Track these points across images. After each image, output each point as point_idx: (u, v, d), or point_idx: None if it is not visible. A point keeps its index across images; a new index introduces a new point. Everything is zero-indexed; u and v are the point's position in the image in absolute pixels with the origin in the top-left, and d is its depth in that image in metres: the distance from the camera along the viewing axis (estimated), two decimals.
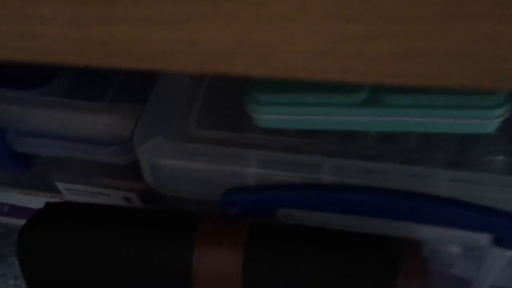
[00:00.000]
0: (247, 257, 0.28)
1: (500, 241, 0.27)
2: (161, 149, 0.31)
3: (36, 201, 0.48)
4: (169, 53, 0.17)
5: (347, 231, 0.28)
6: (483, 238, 0.27)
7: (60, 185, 0.44)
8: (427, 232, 0.28)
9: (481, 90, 0.27)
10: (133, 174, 0.41)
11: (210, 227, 0.29)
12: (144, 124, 0.32)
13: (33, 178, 0.45)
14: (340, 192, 0.27)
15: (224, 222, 0.29)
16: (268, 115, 0.30)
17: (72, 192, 0.45)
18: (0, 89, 0.37)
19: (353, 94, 0.29)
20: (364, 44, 0.16)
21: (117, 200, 0.42)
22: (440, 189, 0.27)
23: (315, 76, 0.17)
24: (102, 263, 0.29)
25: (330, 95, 0.29)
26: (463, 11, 0.14)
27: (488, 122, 0.28)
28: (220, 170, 0.29)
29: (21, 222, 0.31)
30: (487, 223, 0.26)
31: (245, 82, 0.31)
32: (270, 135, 0.31)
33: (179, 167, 0.30)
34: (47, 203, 0.33)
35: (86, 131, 0.36)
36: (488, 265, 0.31)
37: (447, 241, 0.29)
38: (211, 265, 0.28)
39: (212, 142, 0.31)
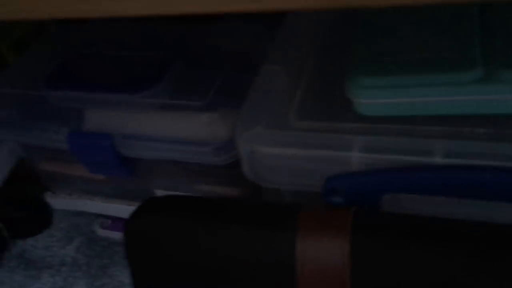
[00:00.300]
0: (353, 247, 0.26)
1: None
2: (262, 138, 0.30)
3: None
4: None
5: (458, 219, 0.26)
6: None
7: (160, 193, 0.45)
8: None
9: None
10: (231, 180, 0.41)
11: (312, 217, 0.27)
12: (245, 117, 0.32)
13: (133, 188, 0.47)
14: (452, 171, 0.25)
15: (326, 212, 0.28)
16: (373, 99, 0.29)
17: None
18: (107, 94, 0.39)
19: (467, 72, 0.27)
20: None
21: None
22: None
23: None
24: (201, 254, 0.29)
25: (441, 74, 0.27)
26: None
27: None
28: (322, 157, 0.29)
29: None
30: None
31: (346, 70, 0.31)
32: (373, 123, 0.30)
33: (279, 155, 0.30)
34: (152, 197, 0.33)
35: (188, 131, 0.37)
36: None
37: None
38: (315, 257, 0.27)
39: (313, 131, 0.30)
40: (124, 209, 0.50)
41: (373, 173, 0.27)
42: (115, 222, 0.55)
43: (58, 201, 0.53)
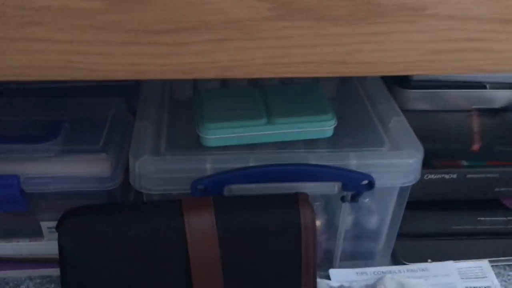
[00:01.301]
0: (216, 214, 0.47)
1: (345, 187, 0.51)
2: (148, 162, 0.50)
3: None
4: None
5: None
6: (337, 186, 0.51)
7: (45, 224, 0.58)
8: (308, 187, 0.50)
9: None
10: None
11: (190, 202, 0.47)
12: (134, 152, 0.51)
13: (19, 222, 0.58)
14: (257, 169, 0.50)
15: (197, 198, 0.48)
16: (213, 136, 0.52)
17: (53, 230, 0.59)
18: (15, 145, 0.53)
19: (258, 120, 0.52)
20: None
21: None
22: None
23: None
24: (119, 240, 0.46)
25: (246, 121, 0.52)
26: None
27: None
28: (188, 169, 0.50)
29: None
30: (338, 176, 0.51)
31: (196, 120, 0.53)
32: (214, 150, 0.52)
33: (158, 171, 0.50)
34: (68, 210, 0.48)
35: (84, 168, 0.54)
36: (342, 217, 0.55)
37: (319, 191, 0.52)
38: (196, 225, 0.46)
39: (179, 156, 0.51)
40: (3, 247, 0.60)
41: (219, 175, 0.49)
42: None
43: None
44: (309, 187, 0.51)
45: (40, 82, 0.64)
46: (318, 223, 0.54)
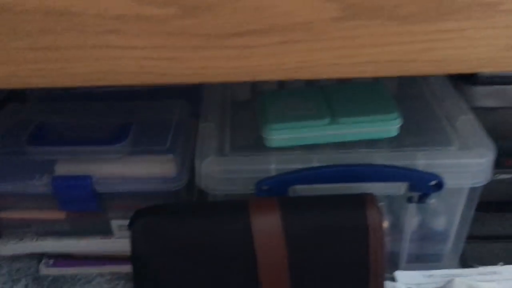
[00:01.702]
0: (282, 216, 0.47)
1: (412, 187, 0.50)
2: (214, 163, 0.51)
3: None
4: None
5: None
6: (403, 186, 0.50)
7: (116, 223, 0.60)
8: (373, 188, 0.50)
9: None
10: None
11: (256, 203, 0.48)
12: (199, 153, 0.52)
13: (90, 221, 0.61)
14: (322, 169, 0.49)
15: (262, 199, 0.48)
16: (277, 136, 0.52)
17: (122, 228, 0.61)
18: (87, 147, 0.55)
19: (322, 120, 0.52)
20: None
21: None
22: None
23: None
24: (187, 240, 0.47)
25: (309, 121, 0.52)
26: None
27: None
28: (253, 170, 0.50)
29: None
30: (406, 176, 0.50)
31: (259, 120, 0.54)
32: (278, 151, 0.53)
33: (225, 172, 0.51)
34: (139, 209, 0.50)
35: (151, 169, 0.56)
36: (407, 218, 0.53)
37: (385, 192, 0.51)
38: (263, 226, 0.47)
39: (244, 157, 0.52)
40: (75, 244, 0.63)
41: (284, 175, 0.50)
42: (57, 259, 0.66)
43: (9, 247, 0.63)
44: (374, 188, 0.50)
45: (108, 87, 0.67)
46: (385, 224, 0.53)
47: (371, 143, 0.54)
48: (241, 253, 0.47)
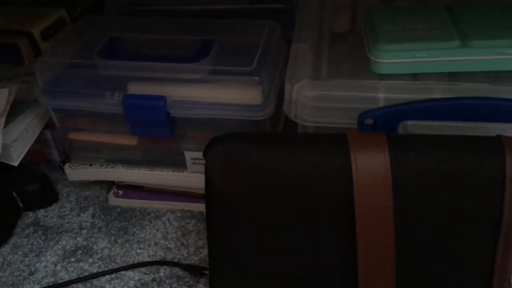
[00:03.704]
0: (391, 156, 0.37)
1: None
2: (308, 87, 0.42)
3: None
4: None
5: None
6: None
7: (189, 154, 0.54)
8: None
9: None
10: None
11: (356, 138, 0.39)
12: (291, 76, 0.43)
13: (162, 150, 0.55)
14: (445, 101, 0.39)
15: (366, 134, 0.39)
16: (390, 59, 0.42)
17: (196, 162, 0.55)
18: (162, 63, 0.48)
19: (450, 42, 0.41)
20: None
21: None
22: None
23: None
24: (272, 175, 0.39)
25: (433, 43, 0.41)
26: None
27: None
28: (355, 97, 0.41)
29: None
30: None
31: (367, 41, 0.44)
32: (386, 79, 0.43)
33: (320, 99, 0.42)
34: (217, 136, 0.42)
35: (235, 94, 0.48)
36: None
37: None
38: (365, 165, 0.37)
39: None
40: (146, 175, 0.57)
41: (393, 107, 0.40)
42: (127, 191, 0.61)
43: (77, 172, 0.59)
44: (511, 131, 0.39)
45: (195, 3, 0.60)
46: None
47: (508, 75, 0.42)
48: (334, 197, 0.38)
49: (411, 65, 0.42)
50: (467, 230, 0.37)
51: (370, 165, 0.37)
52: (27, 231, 0.58)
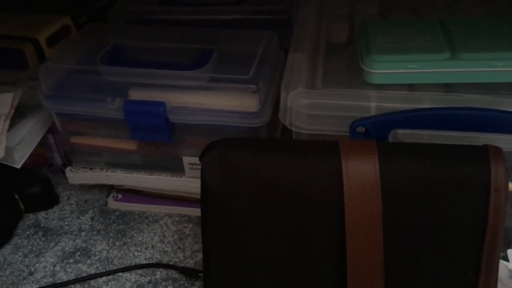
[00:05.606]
0: (380, 162, 0.38)
1: None
2: (303, 95, 0.43)
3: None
4: None
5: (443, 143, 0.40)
6: None
7: (187, 160, 0.55)
8: (498, 141, 0.40)
9: None
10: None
11: (348, 145, 0.40)
12: (286, 84, 0.45)
13: (161, 155, 0.56)
14: (435, 111, 0.40)
15: (357, 141, 0.40)
16: (382, 70, 0.43)
17: (194, 167, 0.56)
18: (163, 70, 0.50)
19: (440, 54, 0.43)
20: None
21: None
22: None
23: None
24: (266, 180, 0.40)
25: (423, 55, 0.43)
26: None
27: None
28: (347, 106, 0.42)
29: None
30: None
31: (361, 52, 0.45)
32: (379, 89, 0.44)
33: (314, 107, 0.43)
34: (213, 141, 0.44)
35: (232, 101, 0.49)
36: None
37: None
38: (355, 171, 0.38)
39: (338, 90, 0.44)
40: (145, 179, 0.59)
41: (385, 116, 0.41)
42: (126, 195, 0.63)
43: (78, 176, 0.60)
44: (499, 140, 0.40)
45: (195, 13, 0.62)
46: (511, 185, 0.43)
47: (499, 86, 0.43)
48: (325, 201, 0.39)
49: (402, 75, 0.43)
50: (454, 236, 0.38)
51: (360, 171, 0.39)
52: (27, 232, 0.59)
